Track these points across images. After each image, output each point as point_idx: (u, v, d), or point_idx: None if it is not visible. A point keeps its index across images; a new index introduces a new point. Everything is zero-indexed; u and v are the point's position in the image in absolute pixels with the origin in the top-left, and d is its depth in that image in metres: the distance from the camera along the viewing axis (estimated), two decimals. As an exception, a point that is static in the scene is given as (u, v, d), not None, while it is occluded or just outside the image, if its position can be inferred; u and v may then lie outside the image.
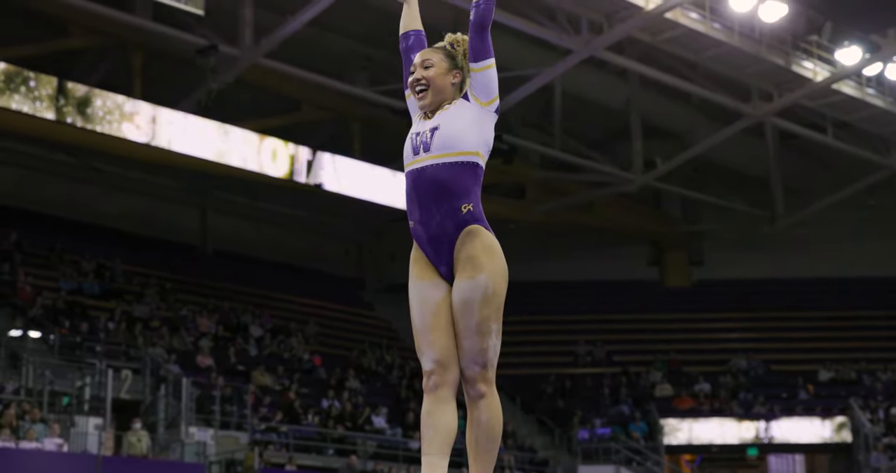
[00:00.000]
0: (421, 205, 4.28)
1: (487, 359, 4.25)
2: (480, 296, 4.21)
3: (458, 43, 4.51)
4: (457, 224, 4.23)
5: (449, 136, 4.25)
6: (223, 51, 23.81)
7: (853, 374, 31.07)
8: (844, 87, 28.13)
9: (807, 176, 34.75)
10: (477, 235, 4.23)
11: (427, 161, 4.26)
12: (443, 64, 4.42)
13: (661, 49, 26.43)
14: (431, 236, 4.28)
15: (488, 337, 4.23)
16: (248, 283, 30.35)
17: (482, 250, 4.22)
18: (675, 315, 34.05)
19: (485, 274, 4.22)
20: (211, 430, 21.51)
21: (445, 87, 4.39)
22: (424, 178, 4.25)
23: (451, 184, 4.22)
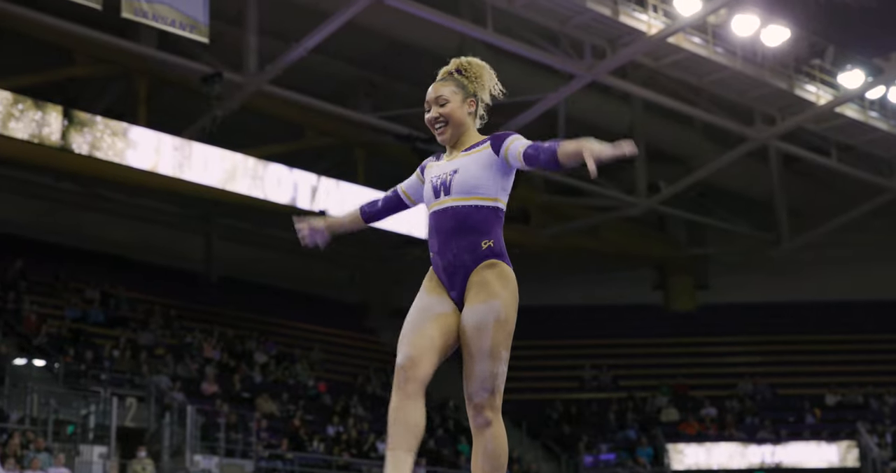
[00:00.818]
0: (441, 240, 4.40)
1: (496, 386, 4.30)
2: (494, 320, 4.28)
3: (465, 68, 4.52)
4: (475, 257, 4.33)
5: (467, 183, 4.35)
6: (228, 78, 23.87)
7: (860, 398, 30.96)
8: (847, 111, 28.18)
9: (811, 199, 34.74)
10: (495, 266, 4.34)
11: (448, 203, 4.38)
12: (457, 96, 4.45)
13: (664, 73, 26.50)
14: (448, 263, 4.37)
15: (499, 363, 4.29)
16: (252, 310, 30.33)
17: (497, 278, 4.32)
18: (681, 339, 33.96)
19: (499, 300, 4.30)
20: (216, 458, 21.45)
21: (463, 119, 4.44)
22: (446, 217, 4.39)
23: (472, 221, 4.34)
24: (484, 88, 4.51)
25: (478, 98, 4.48)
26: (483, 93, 4.50)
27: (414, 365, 4.25)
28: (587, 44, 24.82)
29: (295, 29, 24.03)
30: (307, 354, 29.30)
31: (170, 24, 20.84)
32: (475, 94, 4.48)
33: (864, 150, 30.42)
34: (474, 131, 4.50)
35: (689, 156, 32.25)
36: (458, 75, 4.52)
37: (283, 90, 25.05)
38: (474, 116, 4.48)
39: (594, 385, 32.34)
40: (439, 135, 4.46)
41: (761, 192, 33.96)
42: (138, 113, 24.67)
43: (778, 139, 29.20)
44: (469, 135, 4.47)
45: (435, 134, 4.47)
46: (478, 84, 4.49)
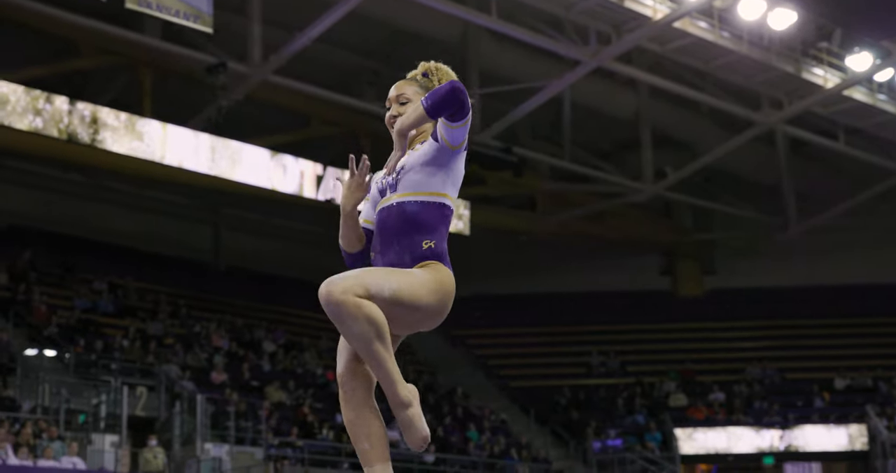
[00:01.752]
0: (383, 240, 4.15)
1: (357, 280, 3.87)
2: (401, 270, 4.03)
3: (432, 72, 4.43)
4: (414, 257, 4.09)
5: (411, 178, 4.18)
6: (232, 68, 23.89)
7: (869, 381, 30.96)
8: (855, 94, 28.11)
9: (819, 183, 34.68)
10: (430, 266, 4.08)
11: (395, 199, 4.19)
12: (417, 97, 4.30)
13: (669, 58, 26.46)
14: (388, 264, 4.11)
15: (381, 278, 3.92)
16: (260, 299, 30.39)
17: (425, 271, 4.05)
18: (689, 324, 33.98)
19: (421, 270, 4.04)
20: (226, 446, 21.53)
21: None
22: (391, 215, 4.16)
23: (416, 219, 4.12)
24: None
25: None
26: None
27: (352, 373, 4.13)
28: (592, 29, 24.78)
29: (298, 18, 24.03)
30: (315, 342, 29.37)
31: (174, 14, 20.85)
32: None
33: (872, 134, 30.36)
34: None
35: (695, 141, 32.22)
36: (424, 78, 4.43)
37: (287, 80, 25.06)
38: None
39: (602, 371, 32.38)
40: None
41: (768, 177, 33.93)
42: (143, 104, 24.69)
43: (785, 123, 29.15)
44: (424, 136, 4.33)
45: (391, 131, 4.35)
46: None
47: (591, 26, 24.71)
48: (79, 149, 23.05)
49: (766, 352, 32.54)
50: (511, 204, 32.87)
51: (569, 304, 33.96)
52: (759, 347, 32.87)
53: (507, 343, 32.83)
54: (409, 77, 4.47)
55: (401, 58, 28.15)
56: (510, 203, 32.91)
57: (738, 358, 32.57)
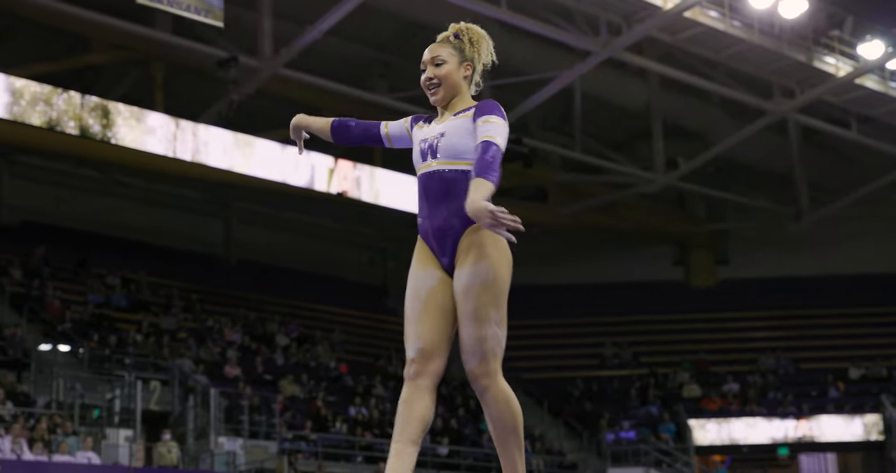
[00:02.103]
0: (430, 204, 4.32)
1: (486, 350, 4.21)
2: (481, 282, 4.19)
3: (463, 32, 4.50)
4: (463, 221, 4.23)
5: (453, 147, 4.30)
6: (243, 62, 23.90)
7: (884, 371, 30.87)
8: (867, 82, 28.00)
9: (831, 172, 34.58)
10: (480, 229, 4.21)
11: (435, 166, 4.33)
12: (453, 59, 4.43)
13: (680, 48, 26.39)
14: (437, 228, 4.30)
15: (486, 325, 4.19)
16: (272, 293, 30.42)
17: (488, 241, 4.22)
18: (702, 315, 33.92)
19: (488, 261, 4.21)
20: (240, 440, 21.57)
21: (458, 82, 4.42)
22: (434, 180, 4.32)
23: (460, 186, 4.23)
24: (480, 56, 4.48)
25: (474, 63, 4.46)
26: (479, 59, 4.48)
27: (426, 359, 4.28)
28: (602, 20, 24.72)
29: (309, 11, 24.02)
30: (328, 336, 29.40)
31: (185, 9, 20.86)
32: (472, 59, 4.46)
33: (885, 122, 30.24)
34: (468, 96, 4.47)
35: (707, 131, 32.13)
36: (456, 39, 4.49)
37: (298, 73, 25.06)
38: (469, 81, 4.46)
39: (615, 362, 32.36)
40: (432, 95, 4.44)
41: (780, 166, 33.83)
42: (155, 98, 24.73)
43: (797, 112, 29.05)
44: (462, 99, 4.44)
45: (428, 94, 4.45)
46: (475, 50, 4.47)
47: (602, 17, 24.65)
48: (91, 144, 23.09)
49: (779, 342, 32.47)
50: (522, 195, 32.81)
51: (581, 295, 33.93)
52: (772, 337, 32.80)
53: (520, 334, 32.74)
54: (440, 39, 4.51)
55: (412, 50, 28.15)
56: (521, 194, 32.84)
57: (751, 348, 32.51)
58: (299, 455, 22.30)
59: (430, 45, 4.50)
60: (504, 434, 4.28)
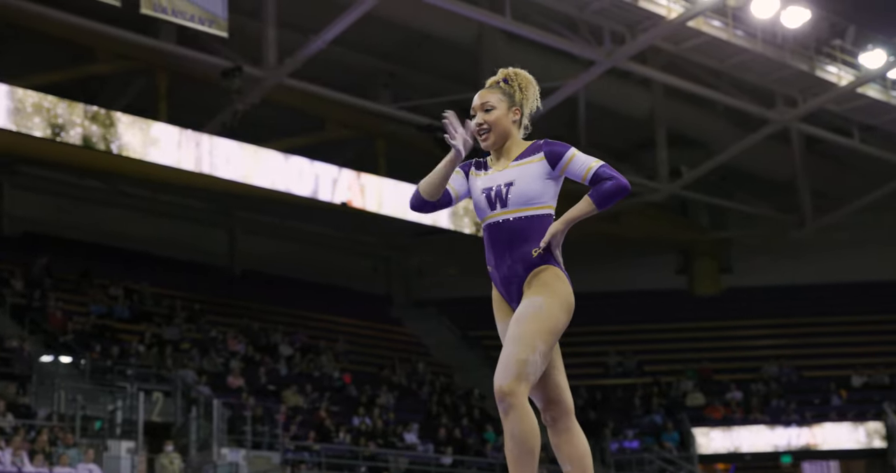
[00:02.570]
0: (496, 253, 4.47)
1: (519, 371, 4.25)
2: (532, 312, 4.33)
3: (512, 77, 4.64)
4: (526, 266, 4.42)
5: (524, 194, 4.43)
6: (248, 72, 23.92)
7: (886, 379, 30.84)
8: (869, 91, 28.03)
9: (834, 180, 34.58)
10: (544, 270, 4.41)
11: (504, 215, 4.46)
12: (502, 104, 4.56)
13: (684, 58, 26.41)
14: (503, 277, 4.47)
15: (527, 350, 4.26)
16: (276, 303, 30.41)
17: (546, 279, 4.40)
18: (706, 323, 33.89)
19: (542, 297, 4.36)
20: (243, 451, 21.53)
21: (508, 127, 4.55)
22: (502, 230, 4.45)
23: (526, 232, 4.41)
24: (528, 100, 4.62)
25: (522, 107, 4.60)
26: (528, 104, 4.62)
27: (553, 403, 4.54)
28: (606, 29, 24.75)
29: (313, 21, 24.04)
30: (332, 345, 29.38)
31: (189, 19, 20.88)
32: (520, 104, 4.60)
33: (887, 131, 30.26)
34: (519, 140, 4.61)
35: (710, 139, 32.14)
36: (505, 85, 4.62)
37: (302, 83, 25.08)
38: (518, 125, 4.60)
39: (619, 371, 32.33)
40: (483, 140, 4.54)
41: (783, 175, 33.84)
42: (159, 109, 24.75)
43: (800, 121, 29.08)
44: (514, 142, 4.58)
45: (479, 139, 4.54)
46: (523, 95, 4.61)
47: (606, 26, 24.68)
48: (95, 154, 23.10)
49: (782, 350, 32.44)
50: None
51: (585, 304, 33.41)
52: (775, 345, 32.77)
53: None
54: (489, 84, 4.63)
55: (416, 59, 28.23)
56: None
57: (755, 356, 32.47)
58: (302, 465, 22.28)
59: (480, 90, 4.62)
60: (520, 453, 4.36)
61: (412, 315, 34.79)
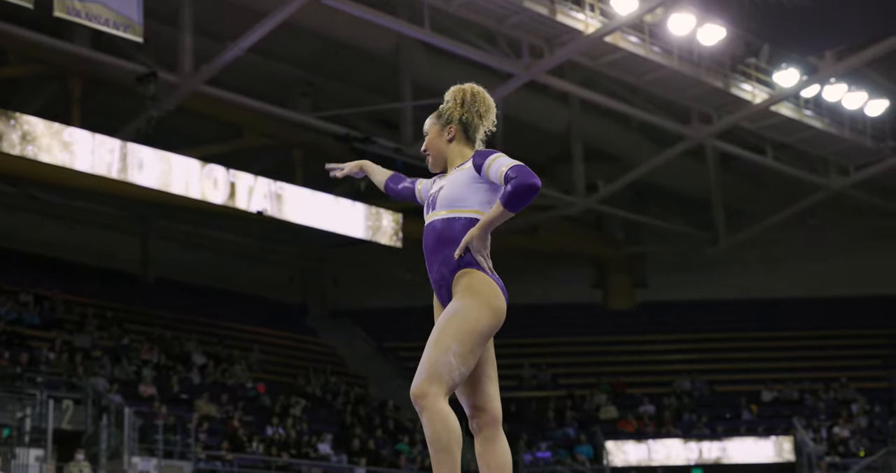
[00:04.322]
0: (427, 256, 4.60)
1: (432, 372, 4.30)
2: (451, 314, 4.40)
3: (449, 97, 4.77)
4: (451, 269, 4.50)
5: (449, 196, 4.54)
6: (163, 78, 23.67)
7: (796, 394, 31.32)
8: (783, 109, 28.49)
9: (748, 197, 35.09)
10: (465, 274, 4.49)
11: (432, 217, 4.60)
12: (434, 128, 4.71)
13: (601, 73, 26.65)
14: (434, 280, 4.57)
15: (441, 352, 4.31)
16: (190, 311, 30.10)
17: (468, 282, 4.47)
18: (620, 337, 34.17)
19: (463, 301, 4.43)
20: (154, 460, 21.27)
21: (442, 148, 4.68)
22: (429, 233, 4.59)
23: (448, 234, 4.50)
24: (468, 112, 4.68)
25: (462, 121, 4.66)
26: (472, 115, 4.68)
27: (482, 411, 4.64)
28: (524, 43, 24.89)
29: (231, 28, 23.87)
30: (246, 355, 29.15)
31: (103, 23, 20.59)
32: (452, 120, 4.67)
33: (800, 149, 30.78)
34: (464, 151, 4.68)
35: (626, 155, 32.45)
36: (444, 105, 4.75)
37: (219, 90, 24.89)
38: (465, 140, 4.67)
39: (533, 383, 32.44)
40: (428, 164, 4.74)
41: (698, 191, 34.26)
42: (72, 113, 24.37)
43: (714, 138, 29.47)
44: (458, 155, 4.67)
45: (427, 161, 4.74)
46: (461, 108, 4.67)
47: (524, 40, 24.82)
48: (6, 158, 22.67)
49: (695, 365, 32.80)
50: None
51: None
52: (688, 360, 33.13)
53: (439, 355, 32.75)
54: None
55: (335, 69, 28.15)
56: (443, 215, 32.88)
57: (667, 370, 32.81)
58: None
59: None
60: (436, 452, 4.40)
61: (327, 325, 34.64)
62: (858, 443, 28.63)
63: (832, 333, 33.44)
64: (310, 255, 35.57)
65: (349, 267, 35.54)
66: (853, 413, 30.06)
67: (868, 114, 29.63)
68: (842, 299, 34.63)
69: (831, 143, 30.18)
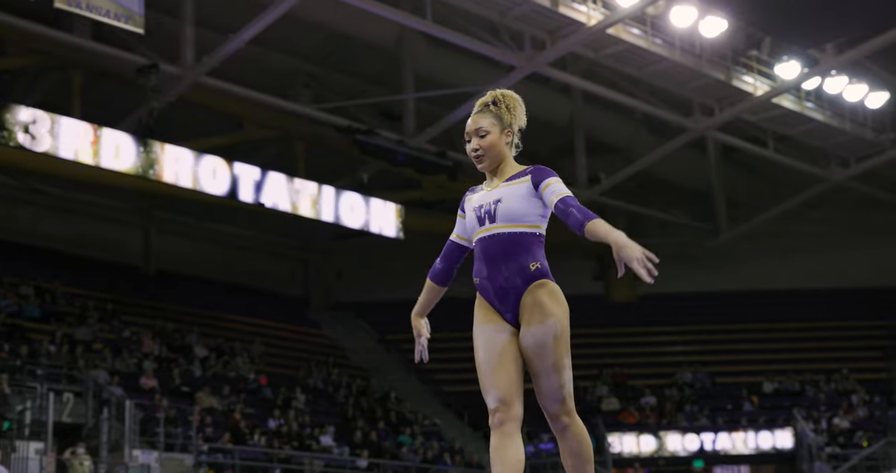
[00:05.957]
0: (489, 265, 4.73)
1: (566, 394, 4.71)
2: (553, 338, 4.62)
3: (500, 100, 4.81)
4: (524, 279, 4.68)
5: (512, 211, 4.70)
6: (164, 69, 23.64)
7: (796, 385, 31.33)
8: (784, 101, 28.47)
9: (749, 189, 35.06)
10: (544, 286, 4.70)
11: (494, 230, 4.72)
12: (495, 128, 4.75)
13: (603, 65, 26.61)
14: (498, 288, 4.71)
15: (563, 373, 4.68)
16: (192, 304, 30.08)
17: (548, 297, 4.67)
18: (621, 329, 34.15)
19: (554, 318, 4.64)
20: (155, 453, 21.26)
21: (501, 150, 4.76)
22: (493, 243, 4.72)
23: (518, 247, 4.71)
24: (517, 119, 4.80)
25: (513, 128, 4.78)
26: (516, 123, 4.79)
27: (507, 406, 4.63)
28: (527, 35, 24.85)
29: (232, 20, 23.84)
30: (248, 347, 29.14)
31: (104, 14, 20.57)
32: (511, 125, 4.77)
33: (801, 141, 30.75)
34: (512, 160, 4.81)
35: (628, 147, 32.42)
36: (494, 107, 4.78)
37: (221, 82, 24.85)
38: (510, 146, 4.78)
39: (535, 375, 32.41)
40: (479, 164, 4.79)
41: (700, 183, 34.23)
42: (73, 105, 24.33)
43: (716, 130, 29.43)
44: (507, 164, 4.79)
45: (475, 163, 4.79)
46: (513, 115, 4.77)
47: (526, 32, 24.78)
48: (6, 150, 22.66)
49: (696, 357, 32.80)
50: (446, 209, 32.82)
51: (502, 309, 33.91)
52: (690, 351, 33.14)
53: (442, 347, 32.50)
54: (478, 107, 4.82)
55: (337, 60, 28.11)
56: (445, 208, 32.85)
57: (669, 362, 32.81)
58: (216, 468, 22.05)
59: (472, 115, 4.80)
60: (582, 465, 4.74)
61: (330, 318, 34.63)
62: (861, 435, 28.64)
63: (833, 325, 33.44)
64: (312, 248, 35.54)
65: (352, 259, 35.52)
66: (853, 404, 30.07)
67: (868, 106, 29.62)
68: (842, 291, 34.64)
69: (832, 135, 30.17)
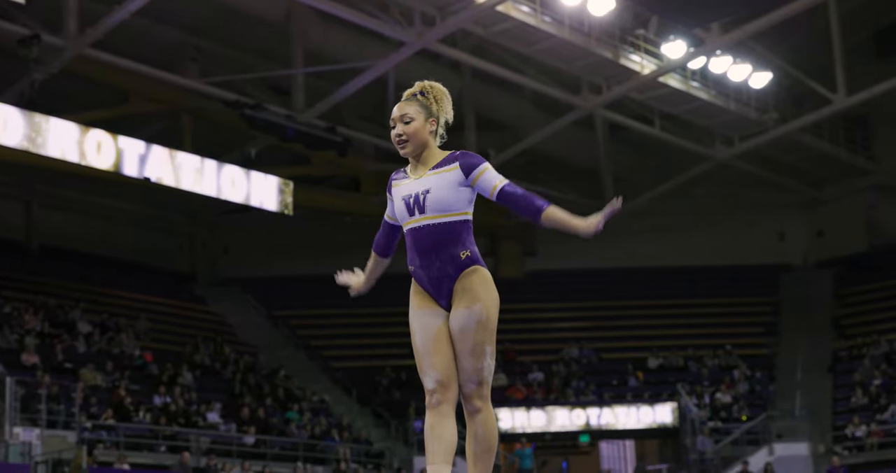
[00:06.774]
0: (421, 255, 4.85)
1: (482, 378, 4.77)
2: (476, 322, 4.73)
3: (428, 90, 5.00)
4: (456, 267, 4.80)
5: (441, 201, 4.82)
6: (47, 41, 23.12)
7: (680, 361, 31.92)
8: (670, 80, 28.88)
9: (636, 167, 35.53)
10: (475, 272, 4.81)
11: (423, 221, 4.84)
12: (420, 116, 4.92)
13: (493, 42, 26.70)
14: (433, 278, 4.83)
15: (483, 359, 4.76)
16: (75, 279, 29.59)
17: (479, 283, 4.79)
18: (509, 305, 33.79)
19: (480, 303, 4.76)
20: (37, 430, 20.94)
21: (425, 138, 4.92)
22: (424, 235, 4.83)
23: (448, 237, 4.82)
24: (443, 111, 4.97)
25: (438, 118, 4.94)
26: (442, 114, 4.96)
27: (444, 388, 4.75)
28: (417, 11, 24.82)
29: (117, -9, 23.39)
30: (133, 323, 28.76)
31: (-15, -18, 20.03)
32: (436, 115, 4.94)
33: (686, 120, 31.25)
34: (436, 148, 4.95)
35: (517, 124, 32.62)
36: (422, 97, 4.97)
37: (105, 54, 24.39)
38: (435, 135, 4.94)
39: (424, 351, 32.52)
40: (402, 149, 4.94)
41: (588, 160, 34.58)
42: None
43: (604, 108, 29.76)
44: (431, 152, 4.93)
45: (398, 148, 4.94)
46: (439, 106, 4.95)
47: (416, 8, 24.75)
48: None
49: (583, 333, 33.23)
50: (335, 184, 32.74)
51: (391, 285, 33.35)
52: (576, 328, 33.55)
53: (331, 324, 32.71)
54: (406, 96, 5.00)
55: (225, 35, 27.77)
56: (334, 183, 32.76)
57: (556, 338, 33.18)
58: (100, 444, 21.77)
59: (399, 103, 4.96)
60: (483, 452, 4.81)
61: (216, 293, 34.33)
62: (741, 409, 29.30)
63: (716, 301, 34.11)
64: (199, 223, 35.16)
65: (239, 234, 35.22)
66: (735, 379, 30.75)
67: (752, 86, 30.20)
68: (727, 268, 35.38)
69: (716, 114, 30.70)
